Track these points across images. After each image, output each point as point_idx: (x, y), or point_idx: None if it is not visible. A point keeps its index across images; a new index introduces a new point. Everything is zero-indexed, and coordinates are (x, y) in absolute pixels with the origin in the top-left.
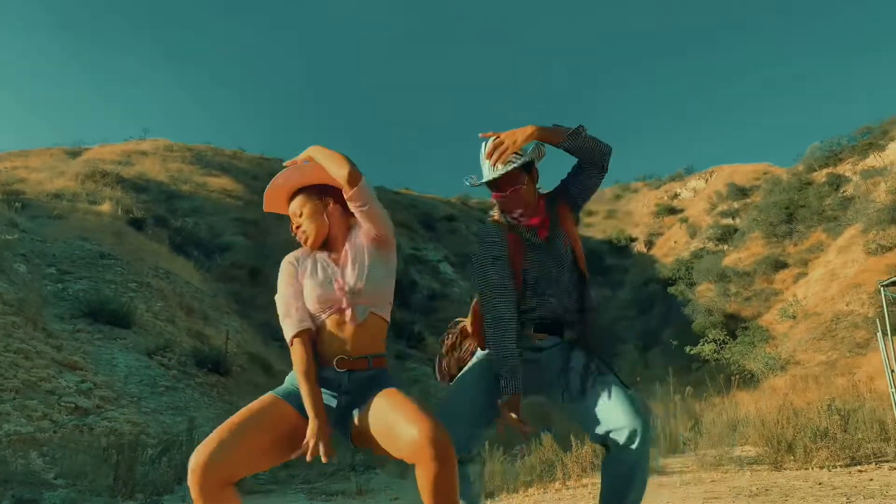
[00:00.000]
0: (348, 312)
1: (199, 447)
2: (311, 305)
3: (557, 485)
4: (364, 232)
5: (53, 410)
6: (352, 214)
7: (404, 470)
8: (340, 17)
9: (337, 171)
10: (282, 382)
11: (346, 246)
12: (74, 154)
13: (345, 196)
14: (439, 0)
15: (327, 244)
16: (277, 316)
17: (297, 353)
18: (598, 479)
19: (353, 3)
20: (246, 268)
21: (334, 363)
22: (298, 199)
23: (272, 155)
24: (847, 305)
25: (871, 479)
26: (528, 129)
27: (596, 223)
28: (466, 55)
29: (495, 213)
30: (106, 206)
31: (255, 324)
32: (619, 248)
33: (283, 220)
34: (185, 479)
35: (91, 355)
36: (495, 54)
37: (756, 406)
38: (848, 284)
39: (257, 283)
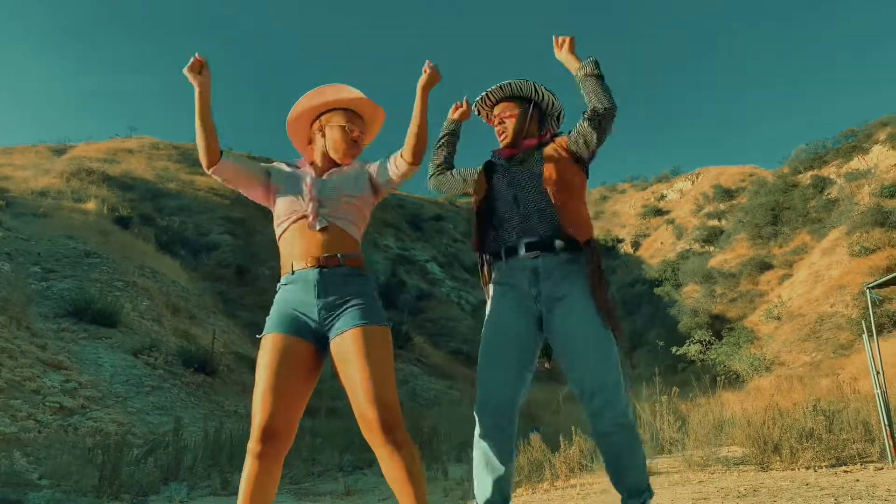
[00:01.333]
0: (310, 219)
1: (254, 431)
2: (283, 210)
3: (546, 485)
4: (368, 177)
5: (38, 410)
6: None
7: None
8: (329, 15)
9: (417, 142)
10: None
11: (341, 168)
12: (60, 152)
13: (399, 161)
14: (429, 3)
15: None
16: (265, 316)
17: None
18: (586, 480)
19: (342, 2)
20: (232, 267)
21: (306, 263)
22: (361, 120)
23: (259, 153)
24: (831, 307)
25: (858, 480)
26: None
27: None
28: (454, 56)
29: None
30: (91, 205)
31: (241, 323)
32: (606, 249)
33: (269, 218)
34: (172, 480)
35: (76, 355)
36: (482, 54)
37: (742, 406)
38: (832, 286)
39: (244, 283)
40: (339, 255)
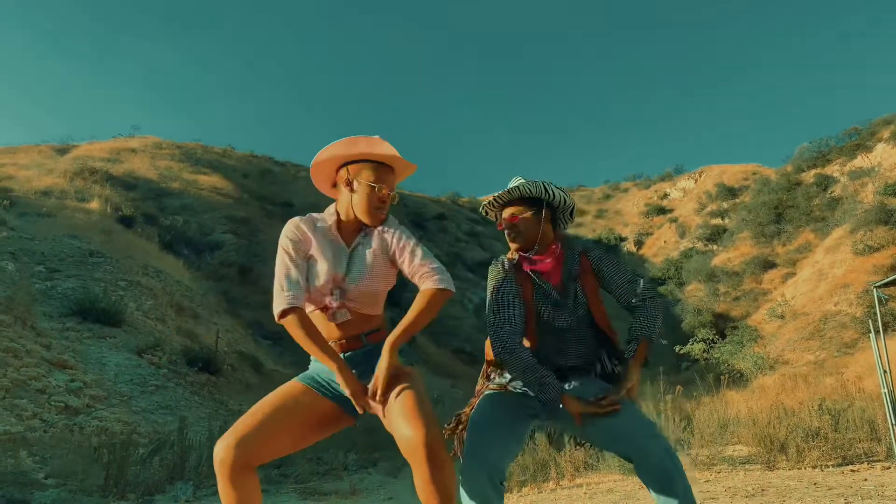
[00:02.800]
0: (330, 312)
1: (227, 433)
2: (310, 287)
3: (552, 484)
4: (392, 255)
5: (43, 410)
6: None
7: (397, 469)
8: (332, 13)
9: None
10: (272, 381)
11: (361, 241)
12: (63, 151)
13: (418, 281)
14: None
15: (349, 229)
16: (268, 315)
17: (293, 325)
18: (592, 479)
19: (345, 1)
20: (236, 266)
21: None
22: (392, 176)
23: (262, 153)
24: (835, 305)
25: (866, 480)
26: None
27: (586, 223)
28: (459, 54)
29: (510, 253)
30: (95, 204)
31: (245, 322)
32: (609, 248)
33: (273, 218)
34: (177, 479)
35: (81, 354)
36: (488, 55)
37: (747, 406)
38: (836, 284)
39: (247, 282)
40: (362, 336)
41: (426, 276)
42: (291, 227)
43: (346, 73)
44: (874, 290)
